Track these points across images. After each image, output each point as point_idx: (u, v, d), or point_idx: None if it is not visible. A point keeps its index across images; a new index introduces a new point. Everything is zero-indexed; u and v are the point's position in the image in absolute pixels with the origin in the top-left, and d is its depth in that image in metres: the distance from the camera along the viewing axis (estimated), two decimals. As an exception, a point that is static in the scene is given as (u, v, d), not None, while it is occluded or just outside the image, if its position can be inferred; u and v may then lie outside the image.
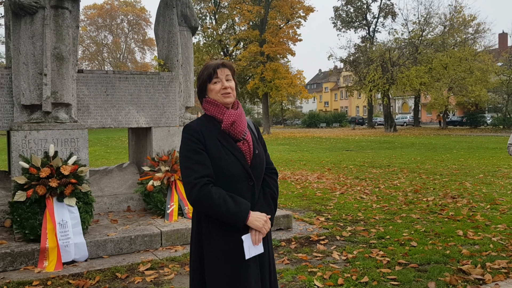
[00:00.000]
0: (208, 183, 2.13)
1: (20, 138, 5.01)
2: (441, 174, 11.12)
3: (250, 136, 2.31)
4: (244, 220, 2.16)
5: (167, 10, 6.60)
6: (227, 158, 2.19)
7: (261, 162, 2.32)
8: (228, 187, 2.18)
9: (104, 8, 65.81)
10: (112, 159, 16.14)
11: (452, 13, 42.46)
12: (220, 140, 2.22)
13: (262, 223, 2.20)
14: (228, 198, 2.14)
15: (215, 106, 2.26)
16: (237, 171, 2.20)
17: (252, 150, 2.28)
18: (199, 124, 2.25)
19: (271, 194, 2.36)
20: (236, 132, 2.24)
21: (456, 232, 5.56)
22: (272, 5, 40.15)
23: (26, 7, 5.06)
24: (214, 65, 2.27)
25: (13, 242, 4.68)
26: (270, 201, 2.34)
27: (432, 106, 43.09)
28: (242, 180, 2.22)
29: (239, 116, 2.27)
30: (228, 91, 2.25)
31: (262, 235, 2.21)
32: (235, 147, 2.23)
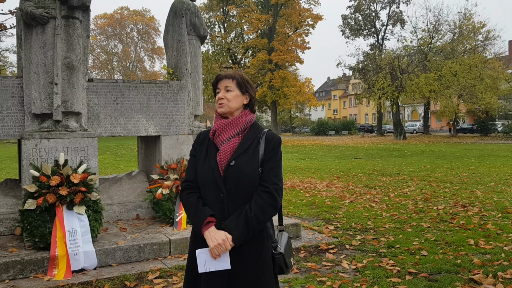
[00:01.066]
0: (186, 188, 2.33)
1: (30, 146, 5.05)
2: (452, 182, 11.02)
3: (232, 147, 2.24)
4: (200, 232, 2.20)
5: (176, 19, 6.65)
6: (203, 166, 2.27)
7: (237, 175, 2.19)
8: (203, 195, 2.29)
9: (114, 18, 66.56)
10: (122, 167, 16.22)
11: (462, 20, 42.32)
12: (208, 148, 2.31)
13: (215, 244, 2.11)
14: (192, 207, 2.26)
15: (216, 114, 2.38)
16: (208, 181, 2.24)
17: (226, 162, 2.21)
18: (207, 132, 2.38)
19: (246, 213, 2.16)
20: (217, 142, 2.30)
21: (467, 241, 5.49)
22: (281, 14, 40.36)
23: (37, 17, 5.13)
24: (217, 77, 2.39)
25: (23, 250, 4.70)
26: (241, 220, 2.15)
27: (442, 113, 42.82)
28: (212, 190, 2.23)
29: (224, 125, 2.29)
30: (220, 102, 2.31)
31: (221, 252, 2.14)
32: (212, 156, 2.26)
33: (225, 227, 2.16)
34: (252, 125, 2.33)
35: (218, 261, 2.15)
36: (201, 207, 2.23)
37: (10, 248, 4.74)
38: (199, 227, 2.19)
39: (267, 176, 2.23)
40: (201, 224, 2.18)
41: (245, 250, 2.19)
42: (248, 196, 2.21)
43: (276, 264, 2.27)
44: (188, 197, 2.29)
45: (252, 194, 2.21)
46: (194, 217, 2.23)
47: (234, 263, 2.17)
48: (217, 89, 2.35)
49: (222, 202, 2.21)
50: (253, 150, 2.25)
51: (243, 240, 2.16)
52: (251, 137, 2.28)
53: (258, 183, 2.22)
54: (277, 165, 2.27)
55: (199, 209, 2.22)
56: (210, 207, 2.22)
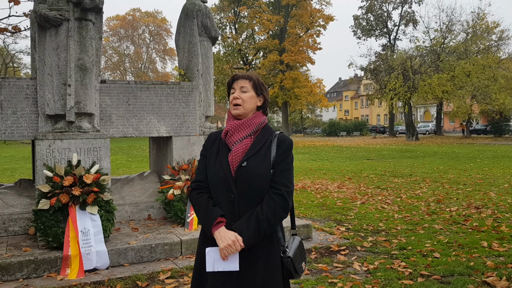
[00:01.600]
0: (196, 188, 2.32)
1: (44, 147, 5.12)
2: (465, 183, 10.91)
3: (244, 148, 2.24)
4: (210, 232, 2.20)
5: (187, 21, 6.68)
6: (214, 166, 2.27)
7: (249, 176, 2.18)
8: (213, 195, 2.28)
9: (126, 19, 67.05)
10: (133, 168, 16.33)
11: (475, 20, 41.88)
12: (219, 148, 2.31)
13: (225, 244, 2.11)
14: (202, 206, 2.25)
15: (229, 115, 2.37)
16: (219, 181, 2.24)
17: (238, 162, 2.21)
18: (218, 132, 2.39)
19: (257, 215, 2.14)
20: (228, 142, 2.29)
21: (481, 243, 5.43)
22: (292, 14, 40.30)
23: (51, 19, 5.19)
24: (235, 76, 2.36)
25: (37, 249, 4.76)
26: (252, 221, 2.14)
27: (455, 114, 42.40)
28: (223, 190, 2.22)
29: (237, 126, 2.29)
30: (236, 102, 2.30)
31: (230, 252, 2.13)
32: (224, 157, 2.25)
33: (235, 228, 2.15)
34: (264, 127, 2.33)
35: (227, 262, 2.14)
36: (211, 207, 2.22)
37: (24, 248, 4.80)
38: (209, 227, 2.17)
39: (278, 178, 2.21)
40: (211, 224, 2.17)
41: (255, 253, 2.17)
42: (259, 197, 2.19)
43: (285, 268, 2.24)
44: (198, 197, 2.28)
45: (263, 195, 2.19)
46: (204, 217, 2.21)
47: (243, 265, 2.15)
48: (232, 89, 2.34)
49: (233, 202, 2.19)
50: (265, 152, 2.23)
51: (253, 243, 2.14)
52: (263, 139, 2.27)
53: (269, 185, 2.21)
54: (289, 168, 2.26)
55: (209, 209, 2.21)
56: (221, 208, 2.21)
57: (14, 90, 5.44)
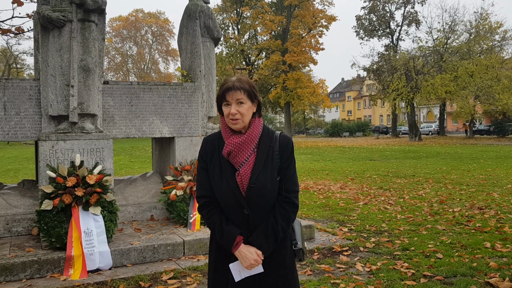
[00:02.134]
0: (204, 204, 2.25)
1: (47, 148, 5.13)
2: (468, 184, 10.88)
3: (251, 166, 2.17)
4: (230, 250, 2.18)
5: (190, 21, 6.69)
6: (221, 186, 2.18)
7: (260, 194, 2.16)
8: (225, 212, 2.23)
9: (129, 20, 67.20)
10: (136, 168, 16.36)
11: (478, 20, 41.76)
12: (221, 165, 2.21)
13: (248, 263, 2.14)
14: (217, 227, 2.20)
15: (223, 127, 2.23)
16: (230, 200, 2.18)
17: (247, 183, 2.15)
18: (211, 140, 2.28)
19: (272, 226, 2.17)
20: (234, 162, 2.18)
21: (484, 244, 5.42)
22: (294, 15, 40.31)
23: (54, 20, 5.21)
24: (225, 87, 2.15)
25: (40, 250, 4.78)
26: (268, 233, 2.17)
27: (458, 114, 42.31)
28: (235, 209, 2.19)
29: (240, 145, 2.16)
30: (235, 118, 2.13)
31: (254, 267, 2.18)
32: (231, 177, 2.17)
33: (254, 242, 2.17)
34: (263, 133, 2.24)
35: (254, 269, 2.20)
36: (226, 227, 2.17)
37: (27, 248, 4.82)
38: (229, 247, 2.17)
39: (287, 185, 2.22)
40: (231, 246, 2.16)
41: (274, 254, 2.23)
42: (270, 206, 2.22)
43: (297, 257, 2.36)
44: (210, 215, 2.21)
45: (274, 203, 2.22)
46: (221, 237, 2.18)
47: (264, 265, 2.21)
48: (226, 101, 2.15)
49: (247, 219, 2.20)
50: (270, 162, 2.19)
51: (271, 250, 2.20)
52: (265, 147, 2.20)
53: (278, 192, 2.23)
54: (294, 171, 2.27)
55: (225, 230, 2.16)
56: (235, 223, 2.19)
57: (17, 91, 5.46)
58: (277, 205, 2.21)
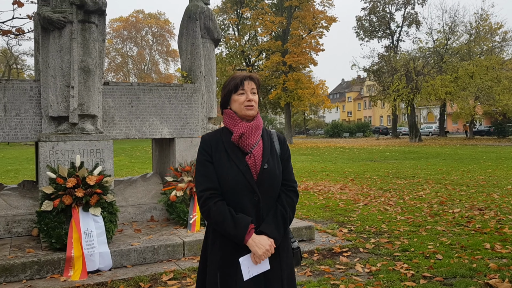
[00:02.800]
0: (211, 197, 2.17)
1: (47, 149, 5.14)
2: (468, 185, 10.88)
3: (261, 150, 2.25)
4: (242, 242, 2.15)
5: (190, 23, 6.70)
6: (231, 171, 2.18)
7: (271, 177, 2.23)
8: (232, 200, 2.18)
9: (130, 21, 67.23)
10: (136, 169, 16.37)
11: (478, 21, 41.75)
12: (228, 152, 2.21)
13: (263, 250, 2.14)
14: (228, 217, 2.13)
15: (230, 117, 2.28)
16: (240, 185, 2.17)
17: (260, 165, 2.21)
18: (212, 135, 2.30)
19: (282, 214, 2.24)
20: (245, 145, 2.22)
21: (483, 245, 5.42)
22: (295, 16, 40.29)
23: (54, 22, 5.22)
24: (242, 76, 2.28)
25: (40, 251, 4.78)
26: (279, 221, 2.23)
27: (458, 115, 42.31)
28: (245, 194, 2.18)
29: (251, 128, 2.24)
30: (251, 104, 2.25)
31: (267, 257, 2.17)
32: (241, 160, 2.20)
33: (265, 230, 2.19)
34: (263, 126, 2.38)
35: (259, 265, 2.17)
36: (237, 215, 2.15)
37: (27, 249, 4.82)
38: (242, 236, 2.13)
39: (288, 175, 2.34)
40: (244, 233, 2.13)
41: (277, 249, 2.24)
42: (276, 193, 2.28)
43: (295, 257, 2.37)
44: (218, 207, 2.16)
45: (278, 193, 2.29)
46: (233, 227, 2.12)
47: (270, 261, 2.22)
48: (241, 90, 2.25)
49: (257, 205, 2.21)
50: (274, 152, 2.31)
51: (281, 239, 2.25)
52: (267, 138, 2.33)
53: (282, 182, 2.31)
54: (291, 164, 2.40)
55: (236, 219, 2.13)
56: (244, 212, 2.17)
57: (17, 92, 5.47)
58: (282, 194, 2.30)
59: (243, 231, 2.13)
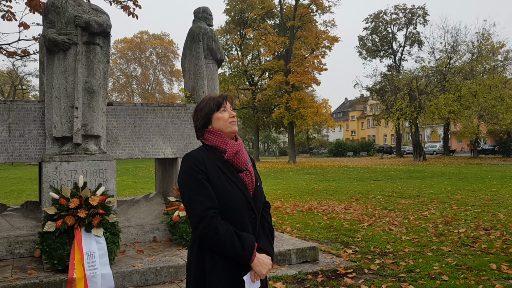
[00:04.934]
0: (215, 216, 2.09)
1: (51, 169, 5.15)
2: (473, 204, 10.79)
3: (252, 167, 2.31)
4: (248, 262, 2.14)
5: (193, 44, 6.77)
6: (230, 189, 2.16)
7: (261, 194, 2.32)
8: (231, 219, 2.14)
9: (134, 42, 68.03)
10: (139, 189, 16.34)
11: (480, 40, 42.07)
12: (222, 170, 2.18)
13: (267, 270, 2.18)
14: (235, 237, 2.10)
15: (218, 136, 2.26)
16: (240, 203, 2.17)
17: (255, 182, 2.27)
18: (200, 153, 2.21)
19: (270, 229, 2.35)
20: (240, 162, 2.23)
21: (490, 265, 5.34)
22: (297, 36, 40.71)
23: (59, 43, 5.29)
24: (222, 95, 2.33)
25: (42, 272, 4.74)
26: (269, 237, 2.32)
27: (462, 134, 42.26)
28: (244, 212, 2.19)
29: (241, 146, 2.29)
30: (235, 119, 2.30)
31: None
32: (238, 178, 2.21)
33: (264, 248, 2.24)
34: None
35: (255, 283, 2.20)
36: (242, 235, 2.13)
37: (29, 270, 4.78)
38: (249, 257, 2.12)
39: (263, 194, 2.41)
40: (251, 254, 2.13)
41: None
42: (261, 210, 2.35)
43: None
44: (224, 226, 2.10)
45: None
46: (240, 248, 2.10)
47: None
48: (223, 108, 2.29)
49: (254, 222, 2.24)
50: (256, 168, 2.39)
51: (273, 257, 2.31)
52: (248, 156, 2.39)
53: None
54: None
55: (243, 238, 2.12)
56: (244, 230, 2.17)
57: (22, 113, 5.51)
58: (264, 212, 2.38)
59: (251, 252, 2.13)
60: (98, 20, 5.43)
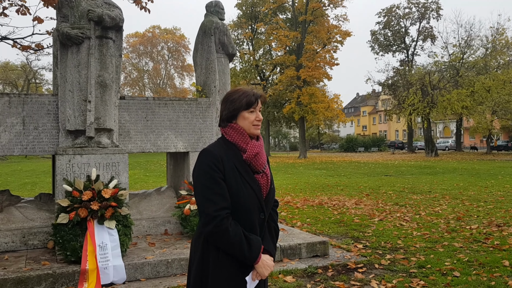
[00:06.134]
0: (227, 216, 2.08)
1: (64, 162, 5.21)
2: (486, 201, 10.69)
3: (269, 170, 2.28)
4: (253, 263, 2.16)
5: (205, 38, 6.78)
6: (245, 191, 2.14)
7: (273, 196, 2.31)
8: (241, 219, 2.14)
9: (146, 36, 68.21)
10: (151, 183, 16.45)
11: (494, 35, 41.48)
12: (239, 170, 2.15)
13: (269, 271, 2.20)
14: (244, 239, 2.11)
15: (240, 134, 2.20)
16: (252, 204, 2.17)
17: (269, 184, 2.25)
18: (219, 150, 2.17)
19: (275, 229, 2.36)
20: (258, 164, 2.21)
21: (502, 262, 5.30)
22: (309, 30, 40.51)
23: (73, 37, 5.33)
24: (256, 94, 2.22)
25: (55, 263, 4.82)
26: (274, 237, 2.34)
27: (475, 130, 41.80)
28: (255, 213, 2.19)
29: (261, 147, 2.25)
30: (259, 124, 2.24)
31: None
32: (253, 180, 2.19)
33: (268, 249, 2.25)
34: None
35: (255, 281, 2.23)
36: (250, 237, 2.14)
37: (42, 261, 4.86)
38: (255, 259, 2.14)
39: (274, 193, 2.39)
40: (257, 256, 2.15)
41: None
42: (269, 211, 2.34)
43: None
44: (234, 227, 2.09)
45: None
46: (247, 250, 2.11)
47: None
48: (253, 108, 2.21)
49: (262, 224, 2.24)
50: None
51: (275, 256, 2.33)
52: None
53: None
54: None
55: (251, 240, 2.13)
56: (252, 231, 2.18)
57: (36, 106, 5.58)
58: (273, 212, 2.36)
59: (257, 254, 2.15)
60: (111, 14, 5.47)
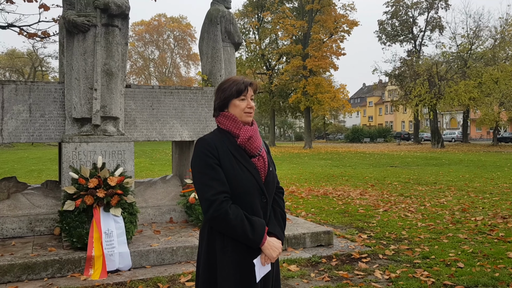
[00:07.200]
0: (226, 200, 2.10)
1: (70, 149, 5.23)
2: (491, 192, 10.66)
3: (265, 153, 2.29)
4: (258, 245, 2.16)
5: (211, 26, 6.75)
6: (242, 174, 2.16)
7: (274, 179, 2.31)
8: (242, 203, 2.16)
9: (152, 25, 68.05)
10: (156, 171, 16.53)
11: (503, 26, 40.95)
12: (234, 155, 2.18)
13: (277, 253, 2.19)
14: (246, 221, 2.11)
15: (232, 120, 2.24)
16: (252, 188, 2.18)
17: (267, 167, 2.27)
18: (212, 138, 2.21)
19: (281, 214, 2.36)
20: (252, 148, 2.23)
21: (507, 253, 5.30)
22: (316, 20, 40.21)
23: (79, 25, 5.33)
24: (245, 82, 2.26)
25: (62, 249, 4.87)
26: (281, 221, 2.34)
27: (482, 121, 41.53)
28: (256, 196, 2.20)
29: (255, 132, 2.26)
30: (251, 111, 2.25)
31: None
32: (250, 163, 2.20)
33: (274, 232, 2.26)
34: None
35: (266, 266, 2.22)
36: (253, 219, 2.14)
37: (49, 248, 4.91)
38: (260, 240, 2.15)
39: (277, 178, 2.39)
40: (262, 238, 2.15)
41: None
42: (273, 195, 2.35)
43: None
44: (233, 210, 2.10)
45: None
46: (250, 232, 2.11)
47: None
48: (243, 96, 2.24)
49: (265, 207, 2.25)
50: (270, 154, 2.38)
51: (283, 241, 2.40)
52: (263, 141, 2.38)
53: None
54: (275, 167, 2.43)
55: (254, 222, 2.13)
56: (255, 214, 2.18)
57: (42, 94, 5.60)
58: (276, 197, 2.38)
59: (261, 236, 2.14)
60: (117, 2, 5.45)
